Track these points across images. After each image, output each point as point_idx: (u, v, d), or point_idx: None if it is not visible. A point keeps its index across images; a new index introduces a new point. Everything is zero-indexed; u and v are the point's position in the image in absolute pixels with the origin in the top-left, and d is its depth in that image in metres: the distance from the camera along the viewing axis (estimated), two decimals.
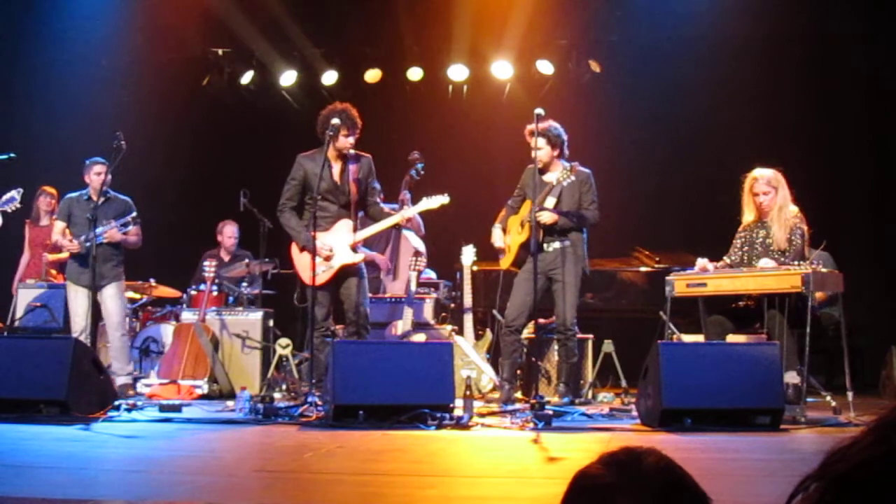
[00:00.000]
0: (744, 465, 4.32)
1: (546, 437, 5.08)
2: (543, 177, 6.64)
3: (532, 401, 5.64)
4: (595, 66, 9.90)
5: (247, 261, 8.39)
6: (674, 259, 7.75)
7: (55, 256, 8.39)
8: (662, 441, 4.96)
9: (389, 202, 7.73)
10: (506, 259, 6.95)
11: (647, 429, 5.44)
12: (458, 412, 5.54)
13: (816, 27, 9.12)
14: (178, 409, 6.13)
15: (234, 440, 5.25)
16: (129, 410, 6.01)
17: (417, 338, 7.36)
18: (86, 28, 9.67)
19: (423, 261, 7.66)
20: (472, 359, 7.26)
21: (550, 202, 6.63)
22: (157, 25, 9.89)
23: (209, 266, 7.94)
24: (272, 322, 8.07)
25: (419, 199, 6.93)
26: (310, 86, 10.38)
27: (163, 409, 6.10)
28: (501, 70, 10.03)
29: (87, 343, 6.88)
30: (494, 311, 7.74)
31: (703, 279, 6.01)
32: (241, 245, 8.91)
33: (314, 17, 9.97)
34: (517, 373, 7.00)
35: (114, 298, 7.34)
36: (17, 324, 7.86)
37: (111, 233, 7.27)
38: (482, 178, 9.12)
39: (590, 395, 7.23)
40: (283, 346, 7.45)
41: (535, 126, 6.41)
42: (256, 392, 6.86)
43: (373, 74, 10.28)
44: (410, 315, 7.46)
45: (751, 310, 6.13)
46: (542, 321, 7.04)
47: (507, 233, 6.93)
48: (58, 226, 7.46)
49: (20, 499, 3.27)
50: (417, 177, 7.95)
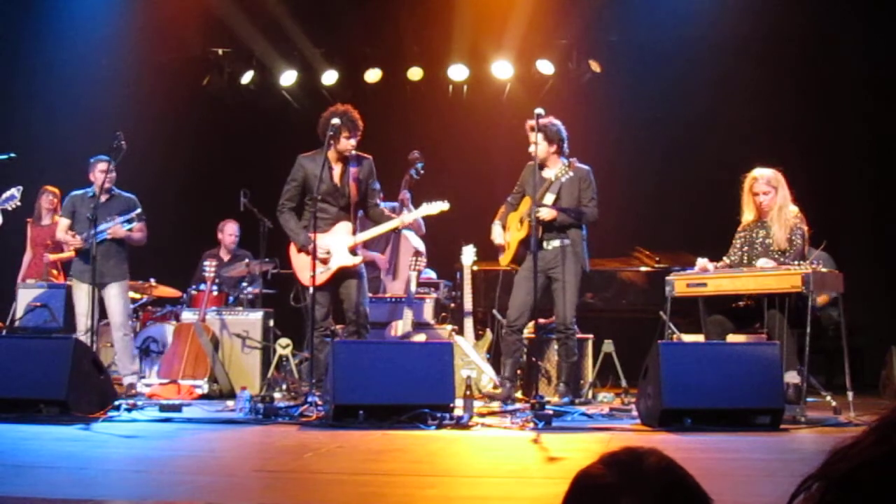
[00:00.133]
0: (744, 465, 4.32)
1: (546, 437, 5.08)
2: (542, 173, 6.63)
3: (532, 401, 5.64)
4: (595, 66, 9.90)
5: (247, 261, 8.39)
6: (674, 259, 7.74)
7: (56, 256, 8.39)
8: (662, 441, 4.97)
9: (389, 201, 7.74)
10: (505, 256, 6.94)
11: (647, 429, 5.44)
12: (459, 412, 5.54)
13: (816, 27, 9.12)
14: (179, 409, 6.13)
15: (235, 440, 5.25)
16: (130, 410, 6.01)
17: (417, 338, 7.36)
18: (86, 28, 9.67)
19: (423, 261, 7.65)
20: (473, 359, 7.26)
21: (549, 199, 6.62)
22: (157, 25, 9.89)
23: (209, 266, 7.94)
24: (272, 322, 8.07)
25: (419, 199, 6.93)
26: (310, 86, 10.38)
27: (163, 409, 6.10)
28: (501, 70, 10.03)
29: (91, 342, 6.89)
30: (494, 311, 7.73)
31: (704, 279, 6.00)
32: (242, 245, 8.92)
33: (314, 17, 9.97)
34: (518, 372, 7.00)
35: (117, 298, 7.33)
36: (18, 323, 7.86)
37: (114, 229, 7.27)
38: (482, 178, 9.12)
39: (590, 395, 7.23)
40: (284, 346, 7.45)
41: (535, 122, 6.41)
42: (256, 392, 6.86)
43: (373, 74, 10.28)
44: (410, 315, 7.45)
45: (751, 310, 6.12)
46: (543, 321, 7.04)
47: (507, 230, 6.92)
48: (62, 223, 7.46)
49: (20, 498, 3.27)
50: (417, 176, 7.94)
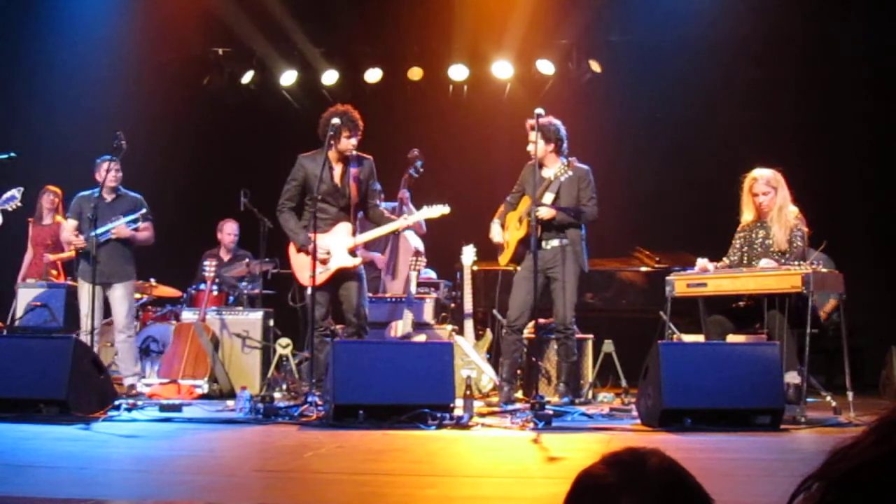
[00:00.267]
0: (744, 465, 4.32)
1: (546, 437, 5.08)
2: (542, 172, 6.62)
3: (532, 401, 5.64)
4: (595, 66, 9.90)
5: (247, 260, 8.39)
6: (674, 259, 7.74)
7: (56, 256, 8.39)
8: (662, 441, 4.97)
9: (388, 200, 7.73)
10: (504, 256, 6.93)
11: (648, 429, 5.44)
12: (459, 412, 5.54)
13: (816, 27, 9.11)
14: (179, 409, 6.13)
15: (235, 440, 5.25)
16: (130, 410, 6.01)
17: (418, 338, 7.35)
18: (86, 28, 9.67)
19: (423, 261, 7.64)
20: (473, 359, 7.26)
21: (548, 198, 6.61)
22: (158, 25, 9.89)
23: (209, 266, 7.94)
24: (272, 322, 8.07)
25: (419, 199, 6.92)
26: (310, 85, 10.38)
27: (163, 409, 6.10)
28: (502, 70, 10.03)
29: (93, 341, 6.89)
30: (494, 311, 7.73)
31: (704, 279, 6.00)
32: (242, 245, 8.92)
33: (314, 17, 9.96)
34: (517, 373, 7.00)
35: (122, 299, 7.32)
36: (18, 323, 7.86)
37: (119, 229, 7.27)
38: (482, 178, 9.12)
39: (590, 395, 7.23)
40: (284, 346, 7.45)
41: (535, 121, 6.40)
42: (256, 392, 6.86)
43: (373, 74, 10.28)
44: (410, 315, 7.45)
45: (751, 310, 6.12)
46: (542, 321, 7.03)
47: (506, 229, 6.92)
48: (70, 224, 7.45)
49: (20, 498, 3.28)
50: (416, 174, 7.92)
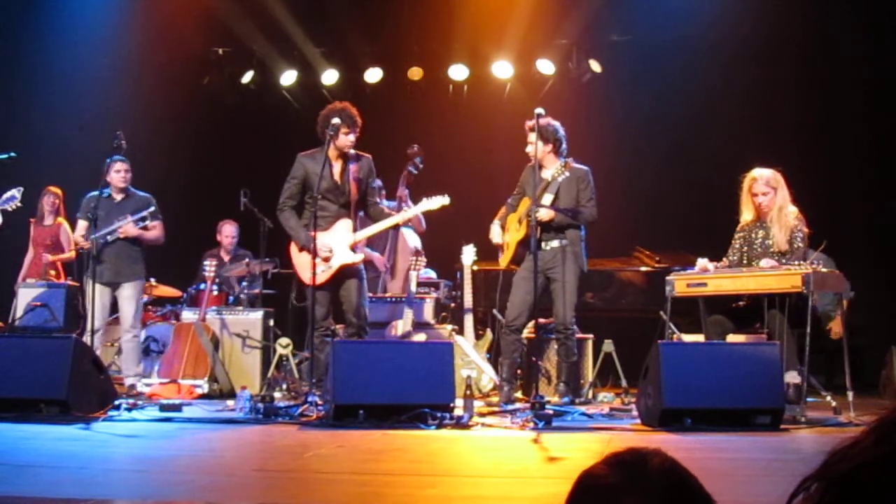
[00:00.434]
0: (744, 465, 4.32)
1: (546, 437, 5.08)
2: (541, 173, 6.62)
3: (532, 400, 5.64)
4: (595, 66, 9.91)
5: (247, 260, 8.40)
6: (674, 259, 7.74)
7: (55, 257, 8.39)
8: (663, 441, 4.97)
9: (388, 199, 7.73)
10: (504, 257, 6.94)
11: (648, 428, 5.44)
12: (459, 412, 5.54)
13: (816, 27, 9.11)
14: (179, 409, 6.13)
15: (235, 440, 5.25)
16: (130, 410, 6.01)
17: (418, 338, 7.35)
18: (86, 28, 9.67)
19: (423, 260, 7.64)
20: (473, 358, 7.26)
21: (547, 199, 6.61)
22: (158, 25, 9.89)
23: (209, 265, 7.95)
24: (272, 321, 8.07)
25: (418, 197, 6.92)
26: (310, 85, 10.38)
27: (163, 409, 6.10)
28: (502, 70, 10.03)
29: (98, 341, 6.91)
30: (494, 311, 7.73)
31: (704, 279, 6.00)
32: (242, 245, 8.92)
33: (314, 17, 9.96)
34: (517, 372, 7.00)
35: (129, 300, 7.33)
36: (18, 323, 7.86)
37: (126, 228, 7.27)
38: (482, 178, 9.11)
39: (590, 395, 7.23)
40: (284, 346, 7.45)
41: (534, 122, 6.40)
42: (257, 391, 6.86)
43: (373, 74, 10.28)
44: (410, 315, 7.45)
45: (751, 310, 6.12)
46: (542, 321, 7.03)
47: (506, 231, 6.92)
48: (80, 224, 7.45)
49: (20, 498, 3.28)
50: (416, 171, 7.89)
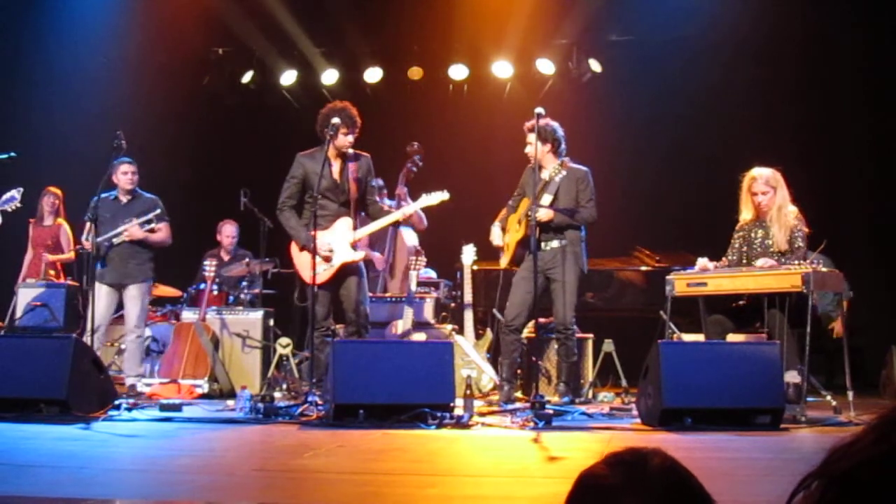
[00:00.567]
0: (744, 465, 4.32)
1: (546, 437, 5.08)
2: (540, 174, 6.62)
3: (532, 400, 5.64)
4: (595, 66, 9.91)
5: (247, 260, 8.40)
6: (674, 259, 7.74)
7: (55, 257, 8.40)
8: (663, 440, 4.97)
9: (388, 198, 7.72)
10: (504, 258, 6.94)
11: (648, 428, 5.44)
12: (459, 411, 5.54)
13: (816, 27, 9.11)
14: (179, 409, 6.13)
15: (235, 439, 5.24)
16: (130, 409, 6.00)
17: (418, 337, 7.35)
18: (86, 28, 9.67)
19: (423, 260, 7.64)
20: (473, 358, 7.26)
21: (547, 199, 6.60)
22: (157, 25, 9.89)
23: (210, 265, 7.95)
24: (272, 321, 8.07)
25: (418, 195, 6.92)
26: (310, 85, 10.38)
27: (163, 409, 6.10)
28: (502, 69, 10.03)
29: (99, 341, 6.91)
30: (494, 311, 7.73)
31: (704, 279, 6.00)
32: (242, 245, 8.92)
33: (314, 17, 9.96)
34: (517, 372, 6.99)
35: (134, 300, 7.33)
36: (17, 323, 7.86)
37: (132, 231, 7.28)
38: (483, 178, 9.11)
39: (590, 395, 7.22)
40: (284, 346, 7.45)
41: (534, 123, 6.40)
42: (257, 391, 6.86)
43: (373, 74, 10.29)
44: (410, 314, 7.45)
45: (751, 309, 6.11)
46: (543, 320, 7.03)
47: (507, 232, 6.92)
48: (88, 226, 7.45)
49: (21, 497, 3.28)
50: (416, 169, 7.87)
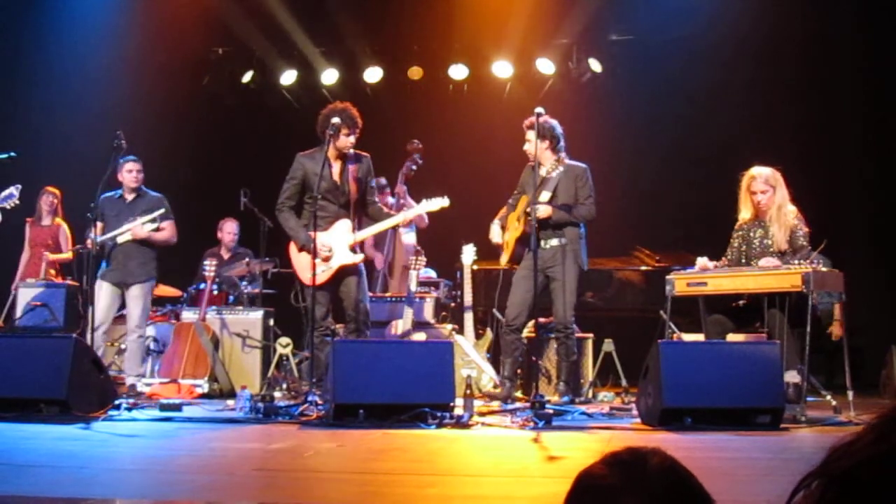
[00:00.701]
0: (744, 464, 4.32)
1: (546, 436, 5.08)
2: (539, 171, 6.62)
3: (532, 400, 5.64)
4: (595, 66, 9.91)
5: (247, 260, 8.39)
6: (674, 258, 7.74)
7: (56, 256, 8.39)
8: (663, 440, 4.97)
9: (389, 196, 7.72)
10: (504, 255, 6.94)
11: (648, 428, 5.44)
12: (459, 411, 5.54)
13: (816, 27, 9.11)
14: (179, 408, 6.13)
15: (235, 439, 5.24)
16: (130, 409, 6.00)
17: (418, 337, 7.35)
18: (86, 28, 9.67)
19: (423, 260, 7.63)
20: (473, 358, 7.26)
21: (545, 196, 6.60)
22: (157, 25, 9.89)
23: (209, 265, 7.94)
24: (272, 321, 8.07)
25: (417, 195, 6.91)
26: (310, 85, 10.39)
27: (163, 408, 6.09)
28: (502, 69, 10.03)
29: (102, 340, 6.91)
30: (495, 311, 7.72)
31: (704, 278, 6.00)
32: (242, 244, 8.92)
33: (314, 17, 9.96)
34: (517, 372, 6.99)
35: (136, 300, 7.34)
36: (17, 323, 7.86)
37: (135, 229, 7.29)
38: (482, 178, 9.11)
39: (590, 395, 7.23)
40: (284, 345, 7.45)
41: (533, 121, 6.40)
42: (257, 391, 6.86)
43: (373, 74, 10.29)
44: (411, 314, 7.45)
45: (751, 309, 6.12)
46: (542, 320, 7.03)
47: (507, 230, 6.92)
48: (98, 225, 7.45)
49: (21, 497, 3.28)
50: (415, 167, 7.86)
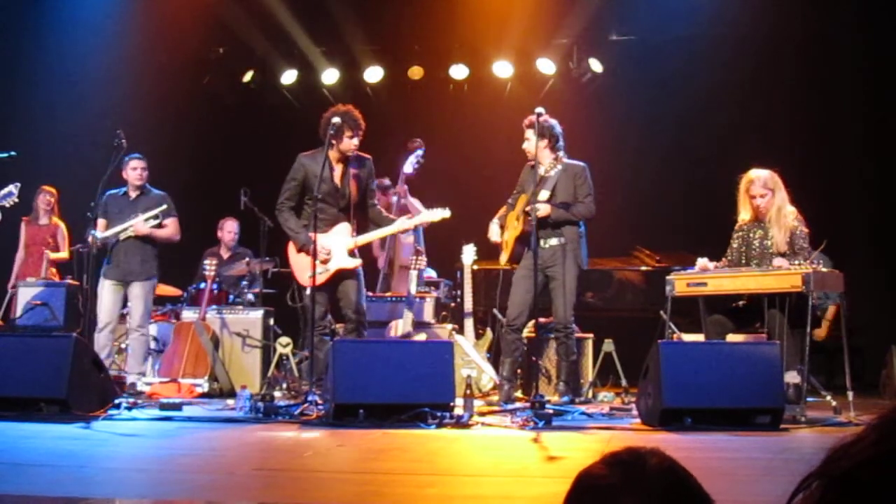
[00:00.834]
0: (744, 465, 4.32)
1: (546, 437, 5.08)
2: (539, 171, 6.62)
3: (532, 400, 5.64)
4: (596, 66, 9.91)
5: (247, 259, 8.39)
6: (674, 259, 7.74)
7: (56, 256, 8.39)
8: (663, 440, 4.96)
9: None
10: (503, 255, 6.93)
11: (648, 428, 5.44)
12: (459, 411, 5.54)
13: (816, 27, 9.11)
14: (179, 408, 6.13)
15: (235, 439, 5.24)
16: (130, 409, 6.00)
17: (418, 337, 7.35)
18: (86, 28, 9.67)
19: (424, 260, 7.63)
20: (473, 358, 7.26)
21: (544, 195, 6.59)
22: (157, 25, 9.89)
23: (209, 265, 7.94)
24: (272, 321, 8.07)
25: (418, 193, 6.90)
26: (311, 85, 10.39)
27: (163, 408, 6.09)
28: (502, 69, 10.03)
29: (107, 338, 6.93)
30: (495, 311, 7.72)
31: (704, 279, 6.00)
32: (242, 244, 8.92)
33: (315, 17, 9.96)
34: (517, 372, 6.99)
35: (138, 298, 7.35)
36: (18, 322, 7.86)
37: (136, 225, 7.29)
38: (483, 178, 9.11)
39: (590, 395, 7.22)
40: (284, 345, 7.45)
41: (533, 120, 6.40)
42: (257, 391, 6.86)
43: (374, 73, 10.29)
44: (410, 318, 7.44)
45: (751, 310, 6.12)
46: (542, 320, 7.03)
47: (506, 229, 6.92)
48: (99, 223, 7.46)
49: (21, 496, 3.28)
50: (418, 165, 7.83)
